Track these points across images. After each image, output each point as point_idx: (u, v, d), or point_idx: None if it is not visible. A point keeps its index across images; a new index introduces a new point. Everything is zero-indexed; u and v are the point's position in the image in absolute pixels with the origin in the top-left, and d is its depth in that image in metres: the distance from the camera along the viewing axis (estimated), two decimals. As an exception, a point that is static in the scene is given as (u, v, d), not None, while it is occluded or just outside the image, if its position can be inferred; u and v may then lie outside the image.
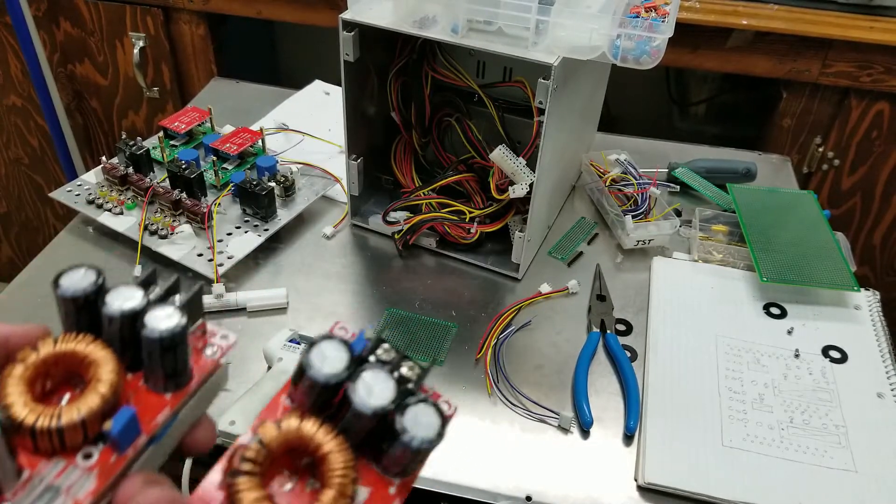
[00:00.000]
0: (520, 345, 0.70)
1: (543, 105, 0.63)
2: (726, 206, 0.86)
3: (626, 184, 0.85)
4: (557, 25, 0.61)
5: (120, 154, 0.81)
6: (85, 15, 1.24)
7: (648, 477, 0.58)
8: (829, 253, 0.77)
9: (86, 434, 0.25)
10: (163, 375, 0.26)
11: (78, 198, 0.80)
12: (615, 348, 0.68)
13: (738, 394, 0.65)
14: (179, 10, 1.20)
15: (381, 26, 0.66)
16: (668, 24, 0.60)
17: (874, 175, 1.12)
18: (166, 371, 0.26)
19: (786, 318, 0.73)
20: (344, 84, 0.71)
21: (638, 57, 0.61)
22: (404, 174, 0.81)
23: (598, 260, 0.80)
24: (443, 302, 0.74)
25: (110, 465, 0.25)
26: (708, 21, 1.02)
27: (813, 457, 0.60)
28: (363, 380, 0.25)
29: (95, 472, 0.24)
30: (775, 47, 1.03)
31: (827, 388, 0.66)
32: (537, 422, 0.63)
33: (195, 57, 1.25)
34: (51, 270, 0.76)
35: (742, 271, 0.78)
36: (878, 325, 0.72)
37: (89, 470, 0.24)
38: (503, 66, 0.74)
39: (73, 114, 1.38)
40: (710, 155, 0.94)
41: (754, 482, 0.58)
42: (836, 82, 1.04)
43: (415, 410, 0.25)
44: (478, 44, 0.64)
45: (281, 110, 1.01)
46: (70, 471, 0.24)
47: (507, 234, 0.78)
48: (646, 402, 0.64)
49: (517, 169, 0.69)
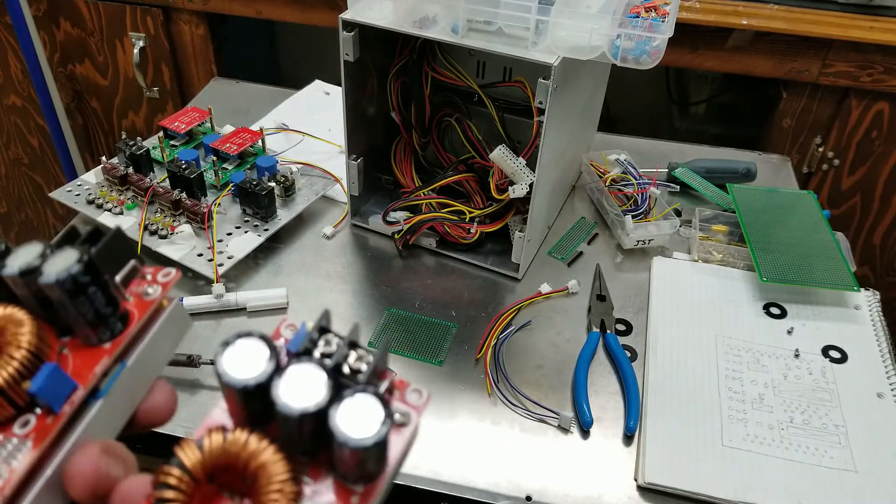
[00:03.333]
0: (520, 345, 0.70)
1: (543, 105, 0.63)
2: (726, 206, 0.86)
3: (625, 184, 0.85)
4: (557, 25, 0.61)
5: (120, 154, 0.81)
6: (85, 15, 1.24)
7: (648, 477, 0.58)
8: (829, 253, 0.77)
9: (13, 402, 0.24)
10: (85, 323, 0.24)
11: (78, 198, 0.80)
12: (615, 348, 0.68)
13: (738, 394, 0.65)
14: (179, 10, 1.20)
15: (380, 26, 0.66)
16: (668, 24, 0.60)
17: (874, 175, 1.12)
18: (87, 318, 0.24)
19: (786, 317, 0.73)
20: (344, 84, 0.71)
21: (638, 57, 0.61)
22: (404, 174, 0.81)
23: (598, 260, 0.80)
24: (443, 302, 0.74)
25: (46, 428, 0.23)
26: (708, 21, 1.02)
27: (813, 457, 0.60)
28: (288, 378, 0.22)
29: (31, 437, 0.23)
30: (775, 47, 1.03)
31: (827, 387, 0.66)
32: (537, 422, 0.63)
33: (195, 57, 1.25)
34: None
35: (742, 271, 0.78)
36: (878, 325, 0.72)
37: (25, 437, 0.23)
38: (503, 66, 0.74)
39: (73, 114, 1.38)
40: (709, 155, 0.94)
41: (754, 482, 0.58)
42: (836, 82, 1.04)
43: (349, 404, 0.22)
44: (478, 44, 0.64)
45: (281, 110, 1.01)
46: (7, 442, 0.23)
47: (507, 234, 0.78)
48: (646, 402, 0.64)
49: (517, 169, 0.69)
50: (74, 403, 0.24)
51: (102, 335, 0.25)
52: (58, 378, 0.23)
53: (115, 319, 0.25)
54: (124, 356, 0.25)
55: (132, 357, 0.25)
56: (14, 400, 0.24)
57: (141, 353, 0.26)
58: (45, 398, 0.23)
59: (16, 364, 0.23)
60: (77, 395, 0.24)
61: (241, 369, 0.23)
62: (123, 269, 0.26)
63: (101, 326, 0.25)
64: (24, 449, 0.23)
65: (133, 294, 0.26)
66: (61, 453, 0.23)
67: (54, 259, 0.24)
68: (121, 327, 0.25)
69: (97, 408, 0.24)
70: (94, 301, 0.24)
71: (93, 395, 0.25)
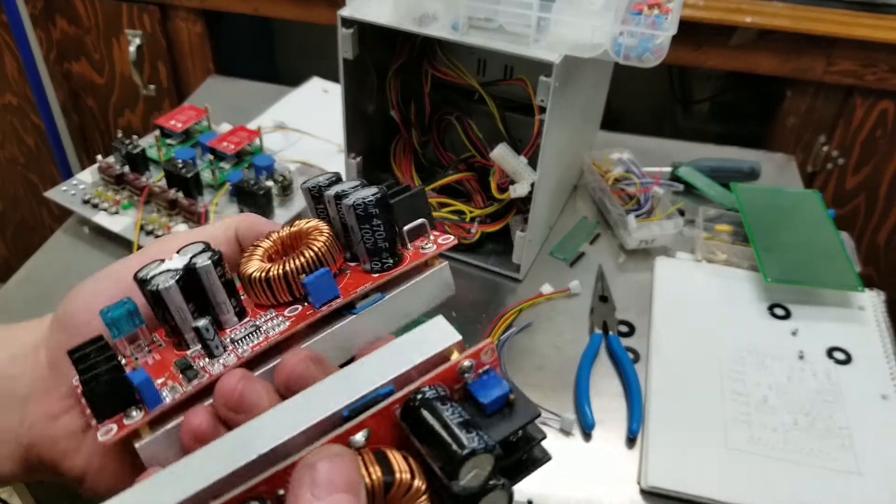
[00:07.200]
0: (521, 346, 0.69)
1: (545, 103, 0.62)
2: (730, 205, 0.85)
3: (628, 183, 0.84)
4: (559, 23, 0.60)
5: (116, 153, 0.80)
6: (81, 12, 1.23)
7: (651, 480, 0.57)
8: (834, 253, 0.76)
9: (292, 289, 0.28)
10: (365, 250, 0.29)
11: (73, 197, 0.79)
12: (617, 350, 0.67)
13: (742, 395, 0.64)
14: (176, 7, 1.19)
15: (380, 23, 0.65)
16: (672, 21, 0.59)
17: (879, 174, 1.12)
18: (367, 245, 0.28)
19: (790, 318, 0.72)
20: (343, 82, 0.71)
21: (640, 55, 0.60)
22: (404, 173, 0.81)
23: (601, 260, 0.79)
24: (443, 302, 0.73)
25: (302, 314, 0.28)
26: (711, 19, 1.01)
27: (817, 459, 0.59)
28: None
29: (290, 319, 0.28)
30: (779, 45, 1.03)
31: (831, 389, 0.65)
32: (539, 424, 0.62)
33: (192, 54, 1.24)
34: (46, 270, 0.75)
35: (746, 271, 0.77)
36: (883, 326, 0.71)
37: (286, 318, 0.28)
38: (504, 63, 0.73)
39: (68, 112, 1.37)
40: (713, 154, 0.93)
41: (758, 485, 0.57)
42: (841, 81, 1.04)
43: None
44: (478, 41, 0.63)
45: (279, 108, 1.00)
46: (274, 318, 0.28)
47: (508, 234, 0.77)
48: (648, 404, 0.63)
49: (518, 168, 0.69)
50: (332, 307, 0.28)
51: (375, 265, 0.29)
52: (326, 281, 0.28)
53: (389, 256, 0.29)
54: (385, 289, 0.29)
55: (391, 294, 0.30)
56: (293, 288, 0.28)
57: (398, 294, 0.30)
58: (311, 293, 0.28)
59: (303, 260, 0.28)
60: (336, 302, 0.28)
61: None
62: (413, 223, 0.30)
63: (375, 257, 0.29)
64: (280, 326, 0.28)
65: (414, 246, 0.30)
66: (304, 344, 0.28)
67: (361, 191, 0.29)
68: (391, 265, 0.29)
69: (347, 321, 0.28)
70: (376, 233, 0.28)
71: (349, 310, 0.29)
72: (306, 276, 0.28)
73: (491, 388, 0.25)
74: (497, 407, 0.25)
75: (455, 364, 0.25)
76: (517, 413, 0.25)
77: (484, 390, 0.25)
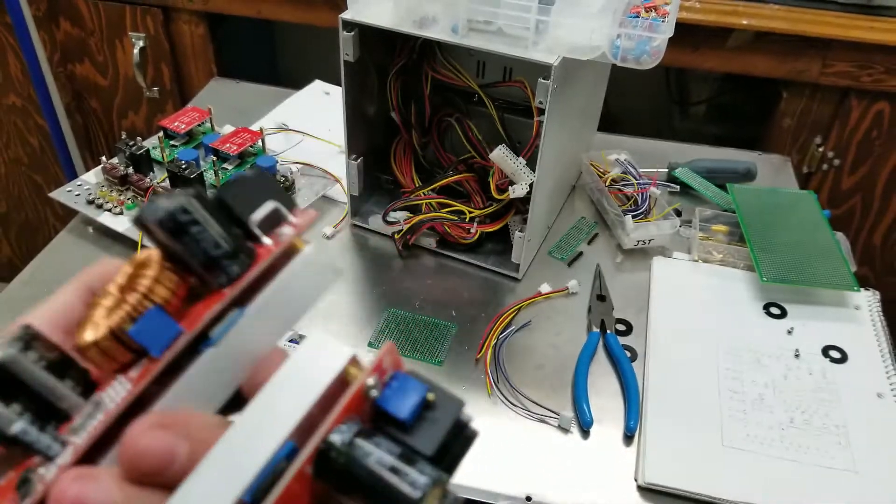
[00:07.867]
0: (520, 345, 0.70)
1: (543, 105, 0.63)
2: (726, 206, 0.86)
3: (626, 184, 0.85)
4: (557, 25, 0.61)
5: (120, 154, 0.80)
6: (85, 15, 1.24)
7: (648, 477, 0.58)
8: (830, 253, 0.76)
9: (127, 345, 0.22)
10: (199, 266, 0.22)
11: (78, 198, 0.80)
12: (615, 348, 0.68)
13: (739, 394, 0.65)
14: (179, 9, 1.20)
15: (380, 26, 0.66)
16: (669, 23, 0.60)
17: (874, 175, 1.12)
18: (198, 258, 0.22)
19: (786, 318, 0.73)
20: (344, 84, 0.71)
21: (638, 57, 0.61)
22: (404, 174, 0.81)
23: (598, 260, 0.79)
24: (443, 302, 0.74)
25: (146, 370, 0.22)
26: (708, 21, 1.01)
27: (813, 457, 0.60)
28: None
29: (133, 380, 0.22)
30: (775, 47, 1.03)
31: (827, 388, 0.66)
32: (537, 422, 0.63)
33: (195, 57, 1.25)
34: (50, 271, 0.76)
35: (742, 271, 0.78)
36: (878, 326, 0.72)
37: (129, 380, 0.22)
38: (503, 65, 0.74)
39: (72, 114, 1.38)
40: (710, 155, 0.94)
41: (754, 482, 0.58)
42: (837, 82, 1.04)
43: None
44: (478, 44, 0.63)
45: (281, 110, 1.01)
46: (118, 384, 0.22)
47: (507, 234, 0.78)
48: (646, 402, 0.64)
49: (517, 169, 0.69)
50: (175, 349, 0.22)
51: (220, 278, 0.22)
52: (157, 321, 0.22)
53: (231, 262, 0.22)
54: (245, 301, 0.23)
55: (253, 303, 0.23)
56: (127, 344, 0.22)
57: (263, 300, 0.23)
58: (143, 341, 0.22)
59: (127, 308, 0.22)
60: (181, 340, 0.22)
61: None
62: (260, 210, 0.23)
63: (216, 269, 0.22)
64: (124, 391, 0.22)
65: (272, 238, 0.23)
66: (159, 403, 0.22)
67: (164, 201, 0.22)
68: (238, 271, 0.22)
69: (204, 357, 0.22)
70: (201, 241, 0.22)
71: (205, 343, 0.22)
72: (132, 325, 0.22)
73: (405, 396, 0.21)
74: (417, 414, 0.21)
75: (360, 387, 0.21)
76: (441, 409, 0.22)
77: (397, 401, 0.21)
